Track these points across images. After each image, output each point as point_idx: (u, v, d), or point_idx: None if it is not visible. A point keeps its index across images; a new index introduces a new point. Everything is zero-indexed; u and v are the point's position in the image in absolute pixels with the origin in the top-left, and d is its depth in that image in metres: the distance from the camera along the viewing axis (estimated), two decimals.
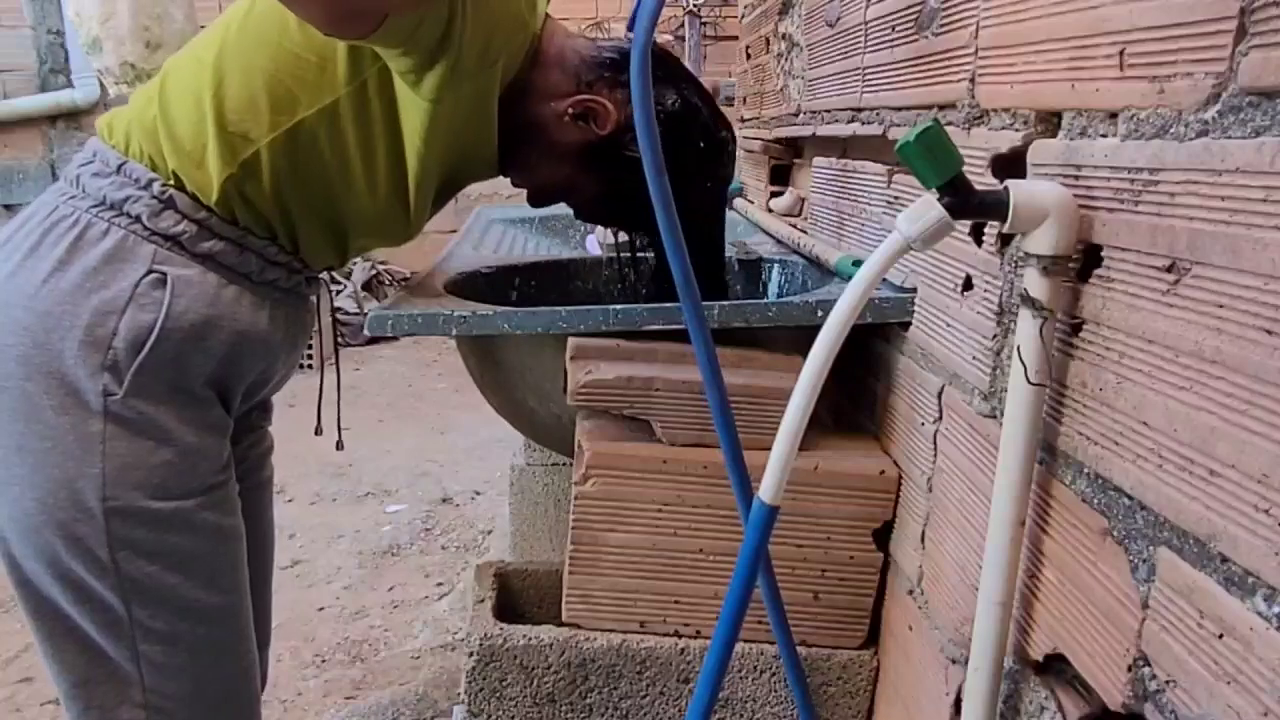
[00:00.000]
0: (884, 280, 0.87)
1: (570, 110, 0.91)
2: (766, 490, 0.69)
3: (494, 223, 1.80)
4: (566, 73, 0.91)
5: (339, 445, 1.14)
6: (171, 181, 0.84)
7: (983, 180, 0.71)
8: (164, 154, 0.84)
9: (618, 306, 0.92)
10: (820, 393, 0.66)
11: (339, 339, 4.39)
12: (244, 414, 1.00)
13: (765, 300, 1.29)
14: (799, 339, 0.84)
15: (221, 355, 0.86)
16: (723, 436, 0.78)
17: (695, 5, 3.35)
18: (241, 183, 0.83)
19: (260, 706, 0.99)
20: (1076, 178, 0.59)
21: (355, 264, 4.79)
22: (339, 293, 4.50)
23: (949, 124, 0.79)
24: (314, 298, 1.01)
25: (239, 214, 0.85)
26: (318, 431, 1.14)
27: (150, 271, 0.81)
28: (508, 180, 1.00)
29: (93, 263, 0.81)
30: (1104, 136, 0.57)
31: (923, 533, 0.86)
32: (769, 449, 0.69)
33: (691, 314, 0.76)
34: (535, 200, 1.02)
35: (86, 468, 0.81)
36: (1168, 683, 0.49)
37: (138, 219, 0.82)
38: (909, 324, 0.91)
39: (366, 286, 4.73)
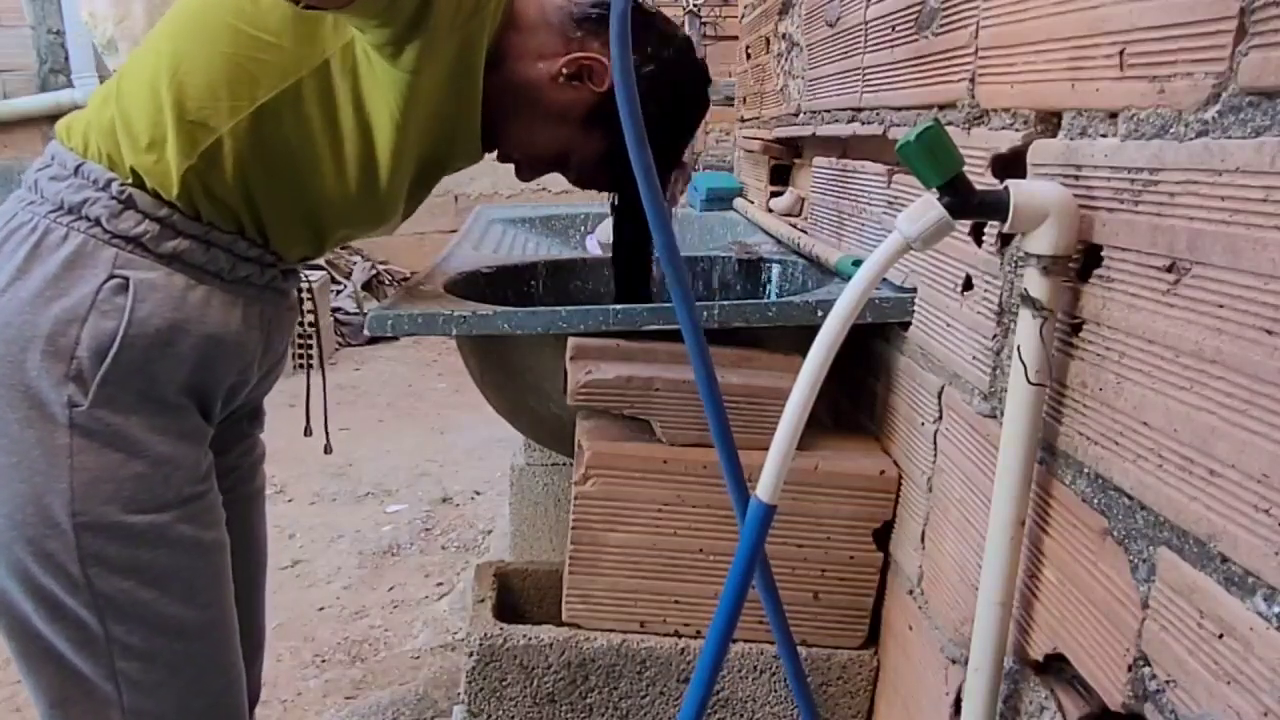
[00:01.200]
0: (884, 280, 0.87)
1: (564, 70, 0.88)
2: (764, 489, 0.69)
3: (494, 223, 1.80)
4: (553, 32, 0.88)
5: (327, 449, 1.13)
6: (130, 180, 0.81)
7: (983, 180, 0.71)
8: (122, 151, 0.81)
9: (618, 306, 0.91)
10: (820, 392, 0.66)
11: (339, 339, 4.41)
12: (233, 421, 0.98)
13: (765, 300, 1.29)
14: (799, 339, 0.83)
15: (193, 361, 0.82)
16: (714, 425, 0.76)
17: (695, 5, 3.34)
18: (203, 174, 0.81)
19: None
20: (1076, 178, 0.59)
21: (355, 264, 4.79)
22: (339, 293, 4.51)
23: (949, 124, 0.79)
24: (294, 293, 0.98)
25: (201, 208, 0.82)
26: (307, 432, 1.13)
27: (111, 276, 0.78)
28: (507, 180, 0.99)
29: (52, 270, 0.78)
30: (1104, 136, 0.57)
31: (923, 533, 0.86)
32: (769, 449, 0.69)
33: (676, 283, 0.71)
34: (528, 172, 0.98)
35: (54, 482, 0.78)
36: (1168, 683, 0.49)
37: (97, 221, 0.79)
38: (909, 324, 0.91)
39: (366, 286, 4.73)
